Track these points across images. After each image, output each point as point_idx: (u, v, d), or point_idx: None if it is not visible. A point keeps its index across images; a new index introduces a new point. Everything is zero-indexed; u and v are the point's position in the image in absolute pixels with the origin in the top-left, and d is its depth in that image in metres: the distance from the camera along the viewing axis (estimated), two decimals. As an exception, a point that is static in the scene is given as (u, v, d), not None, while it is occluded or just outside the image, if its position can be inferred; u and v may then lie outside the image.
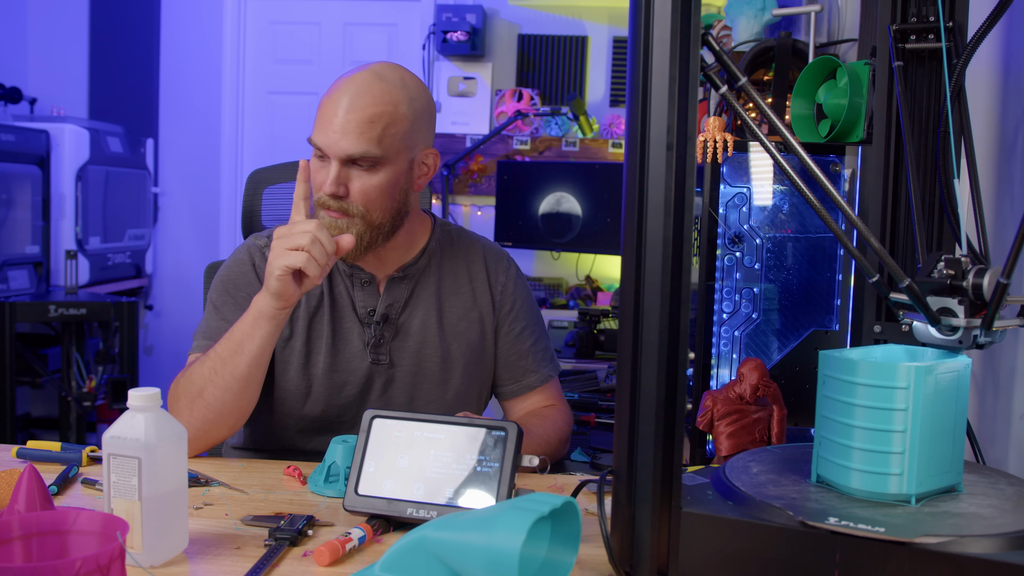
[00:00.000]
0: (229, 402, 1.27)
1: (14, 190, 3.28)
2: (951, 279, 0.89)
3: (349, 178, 1.30)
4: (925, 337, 0.92)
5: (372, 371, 1.41)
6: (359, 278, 1.42)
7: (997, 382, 1.20)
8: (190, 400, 1.27)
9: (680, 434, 0.84)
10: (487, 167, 3.74)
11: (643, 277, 0.83)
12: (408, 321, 1.43)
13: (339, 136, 1.28)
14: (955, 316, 0.88)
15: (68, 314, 3.17)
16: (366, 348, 1.41)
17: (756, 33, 2.26)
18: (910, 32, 1.09)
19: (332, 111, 1.29)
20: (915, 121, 1.09)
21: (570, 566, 0.88)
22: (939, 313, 0.89)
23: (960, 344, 0.89)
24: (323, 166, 1.31)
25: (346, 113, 1.28)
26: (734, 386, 1.19)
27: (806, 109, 1.28)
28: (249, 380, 1.27)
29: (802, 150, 0.91)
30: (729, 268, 1.33)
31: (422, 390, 1.43)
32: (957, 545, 0.76)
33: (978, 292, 0.87)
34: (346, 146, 1.28)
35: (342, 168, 1.30)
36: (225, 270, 1.44)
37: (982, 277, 0.87)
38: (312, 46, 4.11)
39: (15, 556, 0.80)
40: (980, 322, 0.88)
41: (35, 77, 4.16)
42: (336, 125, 1.28)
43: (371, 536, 1.00)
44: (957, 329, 0.88)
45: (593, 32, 3.82)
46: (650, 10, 0.81)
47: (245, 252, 1.44)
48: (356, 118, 1.28)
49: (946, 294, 0.89)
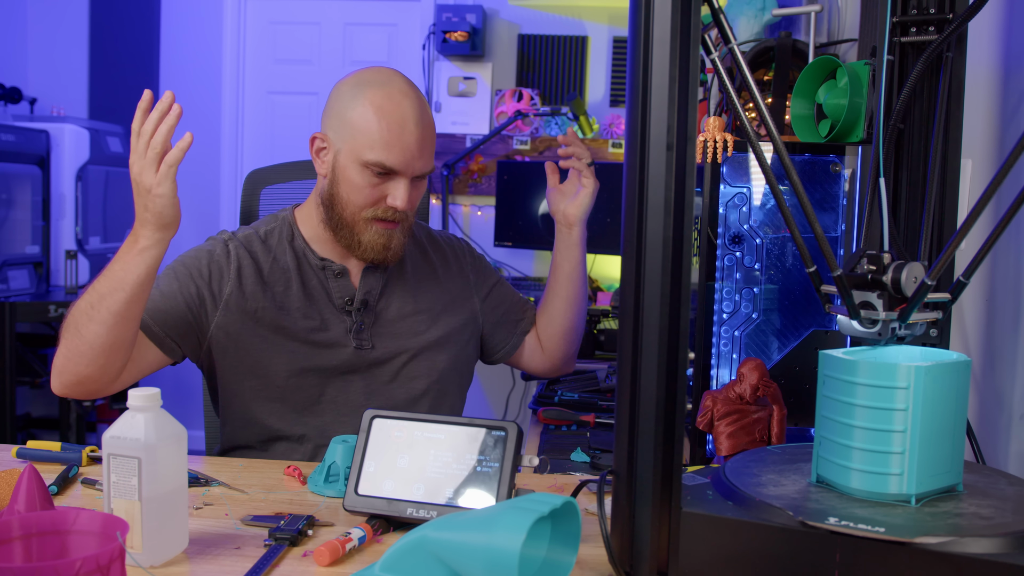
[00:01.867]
0: (102, 335, 1.22)
1: (14, 190, 3.28)
2: (872, 274, 0.92)
3: (410, 192, 1.39)
4: (848, 329, 0.95)
5: (355, 355, 1.44)
6: (331, 269, 1.45)
7: (997, 382, 1.20)
8: (69, 334, 1.24)
9: (680, 434, 0.84)
10: (487, 167, 3.74)
11: (643, 277, 0.83)
12: (386, 308, 1.48)
13: (417, 156, 1.36)
14: (874, 309, 0.92)
15: (68, 314, 3.17)
16: (348, 333, 1.44)
17: (756, 33, 2.26)
18: (910, 24, 1.09)
19: (407, 135, 1.35)
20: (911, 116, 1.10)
21: (570, 566, 0.88)
22: (860, 307, 0.92)
23: (880, 336, 0.92)
24: (380, 184, 1.37)
25: (420, 133, 1.36)
26: (734, 386, 1.19)
27: (806, 109, 1.28)
28: (127, 316, 1.22)
29: (779, 134, 0.93)
30: (729, 268, 1.33)
31: (407, 369, 1.48)
32: (957, 545, 0.76)
33: (897, 287, 0.91)
34: (422, 166, 1.38)
35: (409, 184, 1.38)
36: (185, 254, 1.44)
37: (900, 272, 0.90)
38: (312, 46, 4.11)
39: (15, 556, 0.80)
40: (897, 315, 0.91)
41: (35, 77, 4.16)
42: (415, 147, 1.35)
43: (371, 536, 1.00)
44: (876, 322, 0.92)
45: (593, 32, 3.82)
46: (650, 10, 0.81)
47: (208, 241, 1.46)
48: (427, 138, 1.38)
49: (868, 288, 0.92)
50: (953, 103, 1.07)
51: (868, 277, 0.93)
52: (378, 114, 1.34)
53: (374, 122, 1.34)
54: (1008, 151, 1.07)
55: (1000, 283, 1.21)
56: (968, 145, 1.14)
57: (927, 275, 0.88)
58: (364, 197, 1.37)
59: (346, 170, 1.37)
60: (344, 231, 1.41)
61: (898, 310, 0.92)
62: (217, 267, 1.40)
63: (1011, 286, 1.18)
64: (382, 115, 1.34)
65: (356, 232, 1.40)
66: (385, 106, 1.35)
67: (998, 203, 1.19)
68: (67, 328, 1.25)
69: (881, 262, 0.92)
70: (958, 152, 1.09)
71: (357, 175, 1.36)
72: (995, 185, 0.85)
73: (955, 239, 0.88)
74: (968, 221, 0.86)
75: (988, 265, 1.24)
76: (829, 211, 1.34)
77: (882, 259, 0.92)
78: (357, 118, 1.35)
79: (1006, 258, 1.20)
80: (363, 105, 1.35)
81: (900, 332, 0.93)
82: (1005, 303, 1.19)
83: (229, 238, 1.45)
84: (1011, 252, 1.18)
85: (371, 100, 1.35)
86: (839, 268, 0.90)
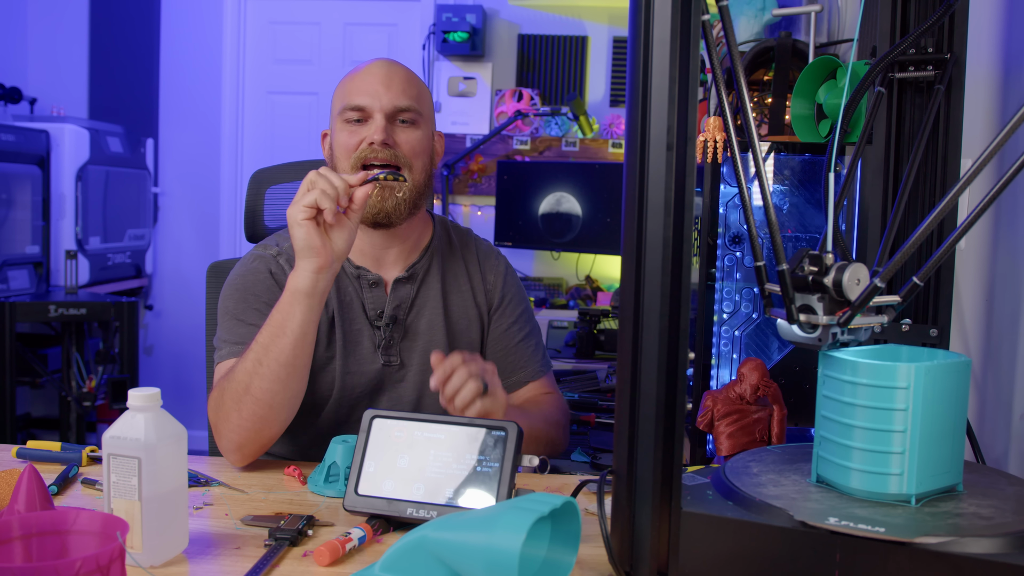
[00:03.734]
0: (277, 392, 1.22)
1: (14, 190, 3.28)
2: (813, 275, 0.87)
3: (394, 132, 1.36)
4: (787, 335, 0.90)
5: (383, 372, 1.41)
6: (367, 279, 1.42)
7: (997, 382, 1.20)
8: (236, 399, 1.22)
9: (680, 434, 0.84)
10: (487, 167, 3.74)
11: (643, 277, 0.83)
12: (416, 321, 1.44)
13: (384, 90, 1.35)
14: (814, 314, 0.87)
15: (68, 314, 3.17)
16: (377, 350, 1.41)
17: (756, 33, 2.26)
18: (908, 63, 1.10)
19: (370, 76, 1.37)
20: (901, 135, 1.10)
21: (570, 566, 0.88)
22: (799, 311, 0.87)
23: (819, 342, 0.87)
24: (359, 128, 1.36)
25: (388, 73, 1.37)
26: (734, 386, 1.19)
27: (806, 109, 1.28)
28: (295, 365, 1.22)
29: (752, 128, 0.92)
30: (729, 268, 1.33)
31: (430, 389, 1.43)
32: (957, 545, 0.76)
33: (839, 288, 0.86)
34: (392, 97, 1.35)
35: (387, 123, 1.35)
36: (239, 279, 1.40)
37: (843, 274, 0.86)
38: (312, 46, 4.11)
39: (15, 556, 0.80)
40: (838, 319, 0.87)
41: (35, 77, 4.16)
42: (379, 83, 1.36)
43: (371, 536, 1.00)
44: (816, 327, 0.87)
45: (593, 32, 3.82)
46: (650, 10, 0.81)
47: (259, 262, 1.41)
48: (398, 76, 1.38)
49: (808, 291, 0.88)
50: (953, 104, 1.07)
51: (809, 279, 0.87)
52: (348, 75, 1.40)
53: (345, 80, 1.40)
54: (1008, 151, 1.07)
55: (1000, 283, 1.21)
56: (968, 145, 1.14)
57: (877, 277, 0.84)
58: (346, 146, 1.36)
59: (334, 136, 1.40)
60: None
61: (839, 314, 0.87)
62: (279, 283, 1.38)
63: (1011, 286, 1.18)
64: (351, 73, 1.40)
65: None
66: (356, 69, 1.40)
67: (1000, 204, 1.19)
68: (228, 398, 1.23)
69: (823, 263, 0.87)
70: (958, 152, 1.09)
71: (340, 131, 1.38)
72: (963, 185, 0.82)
73: (912, 239, 0.84)
74: (929, 223, 0.83)
75: (988, 265, 1.24)
76: (817, 213, 1.34)
77: (823, 260, 0.87)
78: (336, 90, 1.41)
79: (1006, 258, 1.20)
80: (341, 81, 1.42)
81: (842, 338, 0.88)
82: (1005, 303, 1.19)
83: (277, 254, 1.41)
84: (1011, 252, 1.18)
85: (348, 71, 1.42)
86: (785, 263, 0.86)
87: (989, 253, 1.24)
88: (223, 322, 1.38)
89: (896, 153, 1.11)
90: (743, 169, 1.33)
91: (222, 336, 1.37)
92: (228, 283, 1.41)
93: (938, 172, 1.08)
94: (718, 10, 0.83)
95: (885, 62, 1.04)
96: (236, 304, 1.38)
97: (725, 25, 0.83)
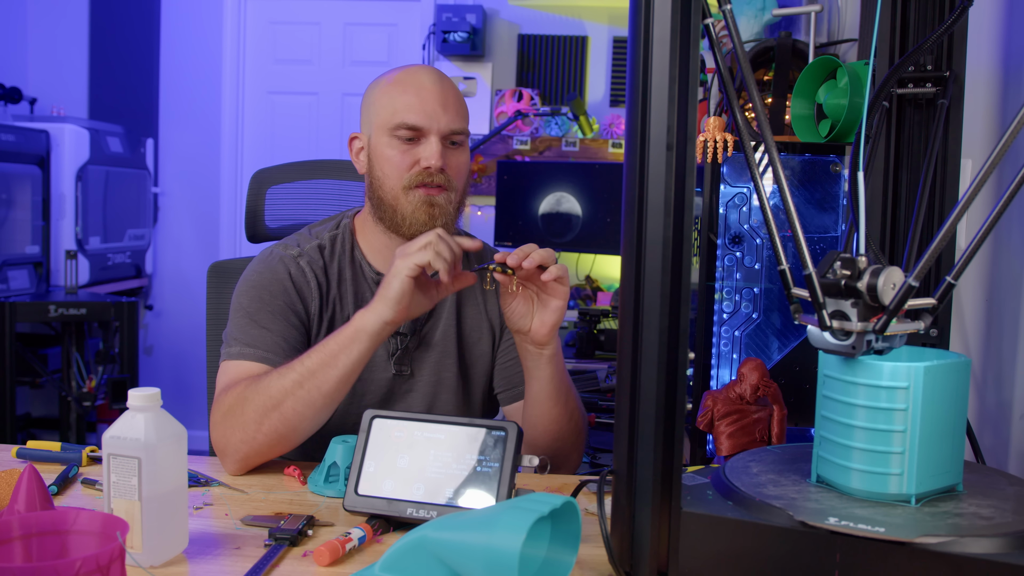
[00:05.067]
0: (308, 419, 1.21)
1: (14, 190, 3.28)
2: (846, 279, 0.82)
3: (446, 154, 1.33)
4: (819, 343, 0.85)
5: (394, 382, 1.41)
6: None
7: (997, 382, 1.20)
8: (262, 412, 1.20)
9: (680, 434, 0.84)
10: (487, 167, 3.74)
11: (643, 277, 0.83)
12: (431, 331, 1.43)
13: (442, 111, 1.32)
14: (848, 320, 0.82)
15: (68, 314, 3.17)
16: (390, 359, 1.40)
17: (756, 33, 2.26)
18: (908, 80, 1.10)
19: (426, 92, 1.32)
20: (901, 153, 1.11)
21: (570, 566, 0.88)
22: (832, 317, 0.83)
23: (853, 350, 0.83)
24: (411, 148, 1.33)
25: (442, 92, 1.33)
26: (734, 386, 1.19)
27: (806, 109, 1.28)
28: (334, 397, 1.22)
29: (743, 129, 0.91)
30: (729, 268, 1.33)
31: (440, 400, 1.43)
32: (957, 545, 0.76)
33: (873, 293, 0.81)
34: (448, 121, 1.32)
35: (442, 147, 1.32)
36: (256, 276, 1.38)
37: (878, 278, 0.81)
38: (312, 46, 4.11)
39: (15, 556, 0.80)
40: (873, 326, 0.82)
41: (35, 77, 4.16)
42: (437, 103, 1.32)
43: (371, 536, 1.00)
44: (850, 334, 0.82)
45: (593, 32, 3.82)
46: (650, 10, 0.81)
47: (278, 261, 1.39)
48: (452, 96, 1.34)
49: (840, 296, 0.83)
50: (953, 105, 1.08)
51: (842, 284, 0.82)
52: (396, 85, 1.35)
53: (394, 91, 1.35)
54: (1008, 151, 1.07)
55: (1000, 283, 1.21)
56: (968, 145, 1.14)
57: (911, 275, 0.80)
58: (397, 165, 1.33)
59: (378, 148, 1.35)
60: (387, 212, 1.35)
61: (874, 320, 0.82)
62: (298, 286, 1.37)
63: (1011, 286, 1.18)
64: (399, 84, 1.35)
65: (399, 208, 1.34)
66: (402, 77, 1.36)
67: (995, 199, 1.19)
68: (252, 408, 1.21)
69: (856, 266, 0.82)
70: (958, 152, 1.09)
71: (388, 147, 1.34)
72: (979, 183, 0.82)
73: (940, 237, 0.82)
74: (952, 220, 0.81)
75: (988, 265, 1.25)
76: (829, 211, 1.34)
77: (857, 263, 0.82)
78: (379, 97, 1.36)
79: (1006, 258, 1.20)
80: (383, 87, 1.37)
81: (877, 345, 0.84)
82: (1005, 303, 1.19)
83: (298, 255, 1.39)
84: (1011, 252, 1.18)
85: (389, 79, 1.37)
86: (811, 267, 0.82)
87: (989, 253, 1.25)
88: (235, 318, 1.36)
89: (896, 161, 1.12)
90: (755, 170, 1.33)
91: (233, 333, 1.34)
92: (245, 278, 1.39)
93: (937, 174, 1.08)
94: (721, 12, 0.83)
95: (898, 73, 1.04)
96: (251, 302, 1.35)
97: (730, 28, 0.83)
